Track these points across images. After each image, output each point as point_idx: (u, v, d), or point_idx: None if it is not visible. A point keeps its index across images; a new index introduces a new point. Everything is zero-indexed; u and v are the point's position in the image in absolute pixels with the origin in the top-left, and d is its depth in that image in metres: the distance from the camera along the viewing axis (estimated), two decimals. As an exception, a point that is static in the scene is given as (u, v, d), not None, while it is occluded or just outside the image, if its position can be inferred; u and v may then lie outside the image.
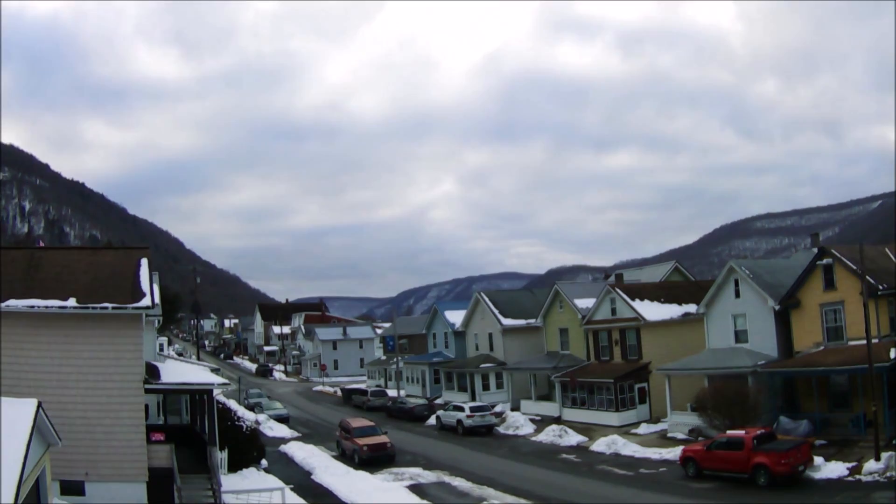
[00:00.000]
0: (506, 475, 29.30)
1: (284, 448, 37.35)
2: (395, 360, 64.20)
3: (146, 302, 20.80)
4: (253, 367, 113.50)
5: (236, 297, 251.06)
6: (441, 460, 33.36)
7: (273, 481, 26.60)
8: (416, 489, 26.92)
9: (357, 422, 37.39)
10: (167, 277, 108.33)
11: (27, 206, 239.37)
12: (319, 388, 78.12)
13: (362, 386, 69.27)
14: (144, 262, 22.98)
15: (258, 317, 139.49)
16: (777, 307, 34.07)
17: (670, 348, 39.43)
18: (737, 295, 36.28)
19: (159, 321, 31.71)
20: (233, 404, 41.03)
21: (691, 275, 57.35)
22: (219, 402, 28.13)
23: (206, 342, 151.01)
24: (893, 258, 33.85)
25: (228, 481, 24.67)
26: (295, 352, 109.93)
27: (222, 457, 25.93)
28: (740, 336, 36.04)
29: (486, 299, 55.78)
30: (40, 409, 13.90)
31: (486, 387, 52.61)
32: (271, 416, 48.27)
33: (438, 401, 55.76)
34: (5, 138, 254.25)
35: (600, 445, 34.21)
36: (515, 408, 47.53)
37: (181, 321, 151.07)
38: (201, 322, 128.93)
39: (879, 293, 30.40)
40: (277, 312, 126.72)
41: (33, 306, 19.87)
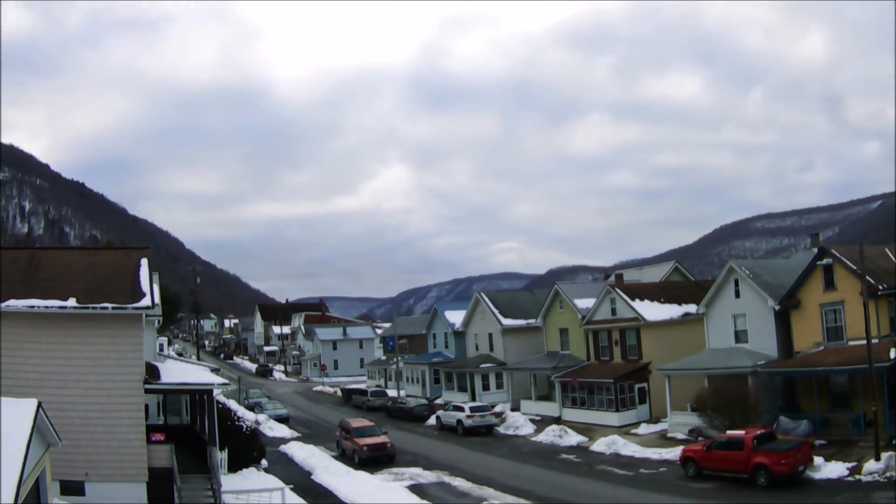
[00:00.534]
0: (506, 475, 29.30)
1: (284, 448, 37.35)
2: (395, 360, 64.21)
3: (146, 302, 20.81)
4: (253, 367, 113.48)
5: (236, 297, 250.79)
6: (441, 460, 33.36)
7: (273, 481, 26.59)
8: (416, 489, 26.93)
9: (357, 422, 37.40)
10: (167, 277, 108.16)
11: (27, 206, 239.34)
12: (319, 388, 78.10)
13: (362, 386, 69.27)
14: (144, 262, 23.00)
15: (258, 317, 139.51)
16: (777, 307, 34.07)
17: (670, 348, 39.42)
18: (737, 295, 36.28)
19: (159, 321, 31.70)
20: (233, 404, 41.03)
21: (691, 275, 57.35)
22: (219, 402, 28.13)
23: (206, 342, 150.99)
24: (893, 258, 33.84)
25: (228, 481, 24.66)
26: (295, 352, 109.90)
27: (222, 457, 25.91)
28: (740, 336, 36.04)
29: (486, 299, 55.79)
30: (40, 409, 13.90)
31: (486, 387, 52.61)
32: (271, 416, 48.28)
33: (438, 401, 55.76)
34: (5, 138, 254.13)
35: (600, 445, 34.21)
36: (515, 408, 47.53)
37: (181, 321, 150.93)
38: (201, 322, 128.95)
39: (879, 293, 30.39)
40: (277, 312, 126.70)
41: (33, 306, 19.89)
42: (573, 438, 36.82)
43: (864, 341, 26.59)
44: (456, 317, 60.98)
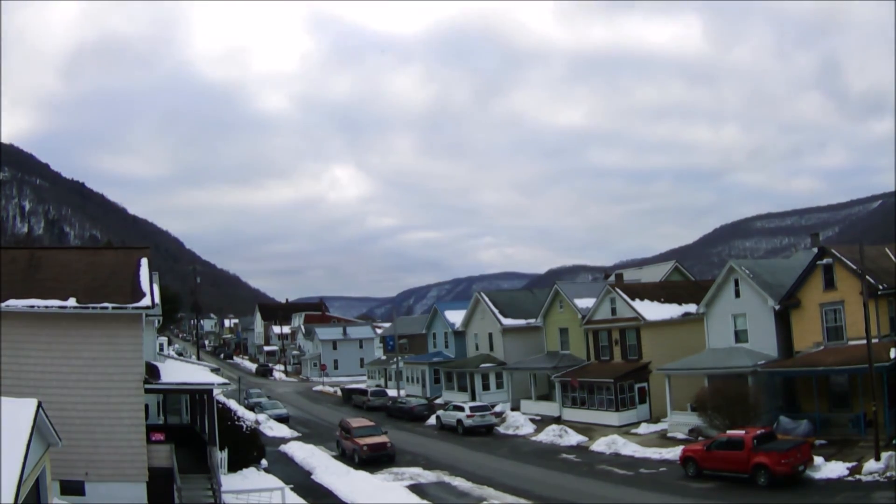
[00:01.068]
0: (506, 475, 29.30)
1: (284, 448, 37.35)
2: (395, 360, 64.21)
3: (146, 302, 20.81)
4: (253, 367, 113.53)
5: (236, 297, 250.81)
6: (441, 460, 33.35)
7: (273, 481, 26.59)
8: (416, 489, 26.92)
9: (357, 422, 37.40)
10: (167, 277, 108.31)
11: (27, 206, 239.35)
12: (319, 388, 78.10)
13: (362, 386, 69.26)
14: (144, 262, 22.99)
15: (258, 317, 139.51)
16: (777, 307, 34.06)
17: (670, 348, 39.41)
18: (737, 295, 36.27)
19: (159, 321, 31.72)
20: (233, 404, 41.07)
21: (691, 275, 57.35)
22: (219, 402, 28.14)
23: (206, 342, 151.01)
24: (893, 258, 33.83)
25: (228, 481, 24.66)
26: (295, 352, 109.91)
27: (222, 457, 25.90)
28: (740, 336, 36.03)
29: (486, 299, 55.79)
30: (40, 409, 13.90)
31: (486, 387, 52.60)
32: (271, 416, 48.28)
33: (438, 401, 55.75)
34: (5, 138, 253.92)
35: (600, 445, 34.21)
36: (515, 408, 47.53)
37: (181, 321, 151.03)
38: (201, 322, 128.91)
39: (879, 293, 30.39)
40: (277, 312, 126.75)
41: (33, 306, 19.88)
42: (573, 438, 36.82)
43: (864, 341, 26.58)
44: (456, 317, 60.98)
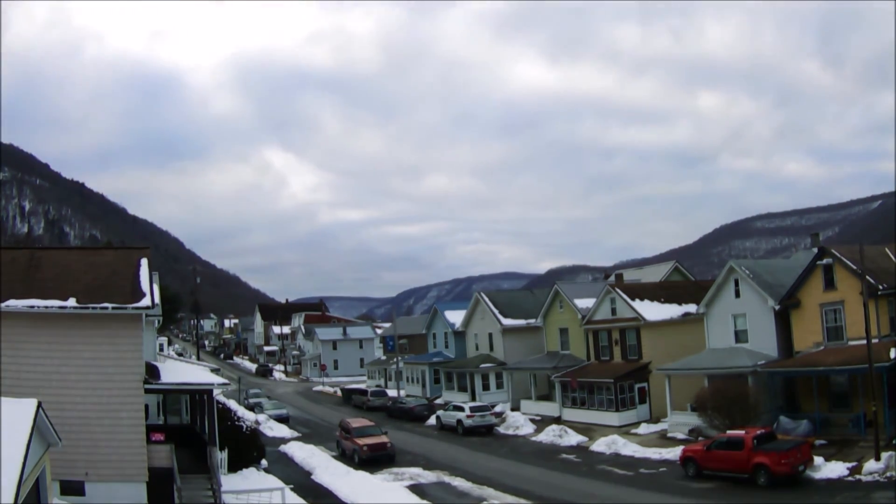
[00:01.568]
0: (506, 475, 29.29)
1: (284, 448, 37.35)
2: (395, 360, 64.20)
3: (146, 302, 20.80)
4: (253, 367, 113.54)
5: (236, 297, 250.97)
6: (441, 460, 33.35)
7: (273, 481, 26.59)
8: (416, 489, 26.92)
9: (357, 422, 37.40)
10: (167, 277, 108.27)
11: (27, 206, 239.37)
12: (319, 388, 78.10)
13: (362, 386, 69.27)
14: (144, 262, 22.98)
15: (258, 317, 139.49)
16: (777, 307, 34.06)
17: (670, 348, 39.42)
18: (737, 295, 36.27)
19: (159, 321, 31.71)
20: (233, 404, 41.06)
21: (691, 275, 57.35)
22: (219, 402, 28.13)
23: (206, 342, 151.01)
24: (893, 258, 33.83)
25: (228, 481, 24.66)
26: (295, 352, 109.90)
27: (222, 457, 25.91)
28: (740, 336, 36.03)
29: (486, 299, 55.78)
30: (40, 409, 13.90)
31: (486, 387, 52.60)
32: (271, 416, 48.28)
33: (438, 401, 55.75)
34: (5, 138, 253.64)
35: (600, 445, 34.20)
36: (515, 408, 47.52)
37: (181, 321, 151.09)
38: (201, 322, 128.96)
39: (879, 293, 30.38)
40: (277, 312, 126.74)
41: (33, 306, 19.88)
42: (573, 438, 36.81)
43: (864, 341, 26.58)
44: (456, 317, 60.97)
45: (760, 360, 33.13)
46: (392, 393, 60.40)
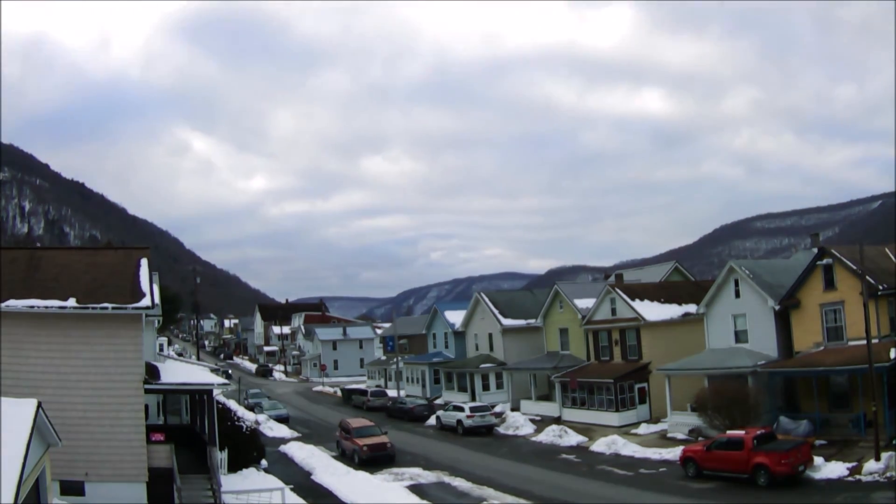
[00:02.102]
0: (506, 475, 29.29)
1: (284, 448, 37.33)
2: (395, 360, 64.19)
3: (146, 302, 20.80)
4: (253, 367, 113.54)
5: (236, 298, 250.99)
6: (441, 460, 33.34)
7: (273, 481, 26.57)
8: (416, 489, 26.91)
9: (357, 422, 37.39)
10: (167, 277, 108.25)
11: (27, 206, 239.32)
12: (319, 388, 78.08)
13: (362, 386, 69.27)
14: (144, 262, 22.99)
15: (258, 317, 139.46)
16: (777, 307, 34.05)
17: (670, 348, 39.41)
18: (737, 295, 36.27)
19: (159, 321, 31.72)
20: (233, 404, 41.07)
21: (691, 275, 57.33)
22: (219, 402, 28.14)
23: (206, 342, 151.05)
24: (893, 258, 33.83)
25: (228, 481, 24.67)
26: (295, 352, 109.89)
27: (222, 457, 25.92)
28: (740, 336, 36.03)
29: (486, 299, 55.77)
30: (40, 410, 13.90)
31: (486, 387, 52.59)
32: (271, 417, 48.27)
33: (438, 401, 55.74)
34: (5, 138, 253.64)
35: (600, 445, 34.20)
36: (515, 408, 47.51)
37: (181, 321, 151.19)
38: (201, 322, 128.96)
39: (879, 293, 30.37)
40: (277, 312, 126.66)
41: (33, 306, 19.88)
42: (573, 438, 36.81)
43: (864, 341, 26.58)
44: (456, 317, 60.97)
45: (760, 361, 33.13)
46: (392, 393, 60.39)
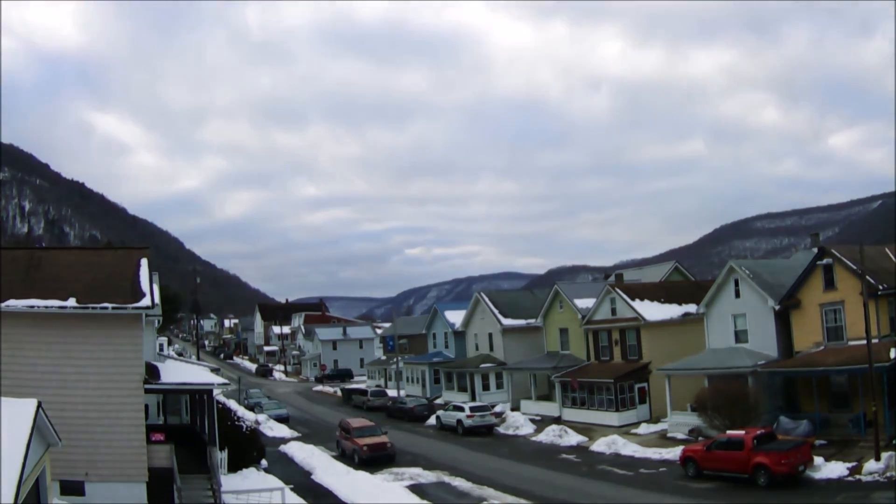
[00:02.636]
0: (506, 475, 29.30)
1: (284, 448, 37.35)
2: (395, 360, 64.20)
3: (146, 302, 20.79)
4: (253, 367, 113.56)
5: (236, 298, 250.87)
6: (441, 460, 33.35)
7: (273, 481, 26.58)
8: (416, 489, 26.92)
9: (357, 422, 37.40)
10: (167, 277, 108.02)
11: (27, 206, 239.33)
12: (319, 388, 78.12)
13: (362, 386, 69.29)
14: (144, 262, 22.98)
15: (258, 317, 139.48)
16: (777, 307, 34.05)
17: (670, 348, 39.41)
18: (737, 295, 36.27)
19: (159, 321, 31.70)
20: (233, 404, 41.08)
21: (691, 275, 57.36)
22: (219, 402, 28.15)
23: (206, 342, 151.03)
24: (893, 258, 33.83)
25: (228, 481, 24.68)
26: (295, 352, 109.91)
27: (222, 457, 25.92)
28: (740, 336, 36.03)
29: (486, 299, 55.77)
30: (40, 409, 13.91)
31: (486, 387, 52.59)
32: (271, 416, 48.29)
33: (438, 401, 55.75)
34: (5, 138, 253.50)
35: (600, 445, 34.20)
36: (515, 408, 47.52)
37: (181, 321, 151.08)
38: (201, 322, 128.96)
39: (879, 293, 30.37)
40: (277, 312, 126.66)
41: (33, 306, 19.86)
42: (573, 438, 36.82)
43: (864, 341, 26.58)
44: (456, 317, 60.97)
45: (760, 361, 33.13)
46: (392, 393, 60.42)
